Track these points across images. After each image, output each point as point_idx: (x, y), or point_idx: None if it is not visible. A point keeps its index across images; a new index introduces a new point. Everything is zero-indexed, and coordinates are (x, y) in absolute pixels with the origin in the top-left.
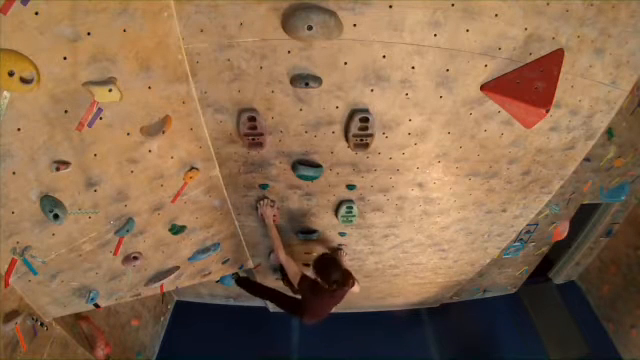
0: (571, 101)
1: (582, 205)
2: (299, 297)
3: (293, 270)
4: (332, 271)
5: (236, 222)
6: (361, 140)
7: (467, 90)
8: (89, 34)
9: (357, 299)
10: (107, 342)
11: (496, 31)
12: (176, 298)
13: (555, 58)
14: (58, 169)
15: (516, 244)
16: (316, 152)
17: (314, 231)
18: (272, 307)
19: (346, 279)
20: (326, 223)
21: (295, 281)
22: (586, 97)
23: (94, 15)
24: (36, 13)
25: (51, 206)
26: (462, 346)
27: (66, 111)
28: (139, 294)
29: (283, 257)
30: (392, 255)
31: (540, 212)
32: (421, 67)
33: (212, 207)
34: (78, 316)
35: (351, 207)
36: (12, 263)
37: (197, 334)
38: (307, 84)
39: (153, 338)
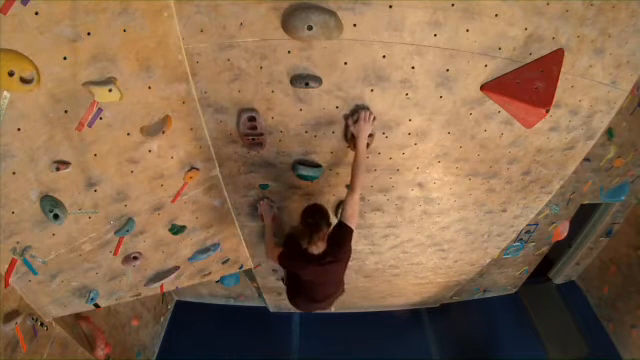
0: (571, 101)
1: (582, 205)
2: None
3: (274, 258)
4: (312, 215)
5: (236, 222)
6: None
7: (467, 90)
8: (89, 34)
9: (357, 299)
10: (107, 342)
11: (496, 31)
12: (176, 298)
13: (555, 58)
14: (58, 169)
15: (516, 244)
16: (316, 152)
17: None
18: (272, 307)
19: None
20: None
21: (277, 263)
22: (586, 97)
23: (94, 15)
24: (36, 13)
25: (51, 206)
26: (462, 346)
27: (66, 111)
28: (139, 294)
29: (269, 255)
30: (392, 255)
31: (540, 212)
32: (421, 67)
33: (212, 207)
34: (78, 316)
35: None
36: (12, 263)
37: (197, 334)
38: (307, 84)
39: (153, 338)
